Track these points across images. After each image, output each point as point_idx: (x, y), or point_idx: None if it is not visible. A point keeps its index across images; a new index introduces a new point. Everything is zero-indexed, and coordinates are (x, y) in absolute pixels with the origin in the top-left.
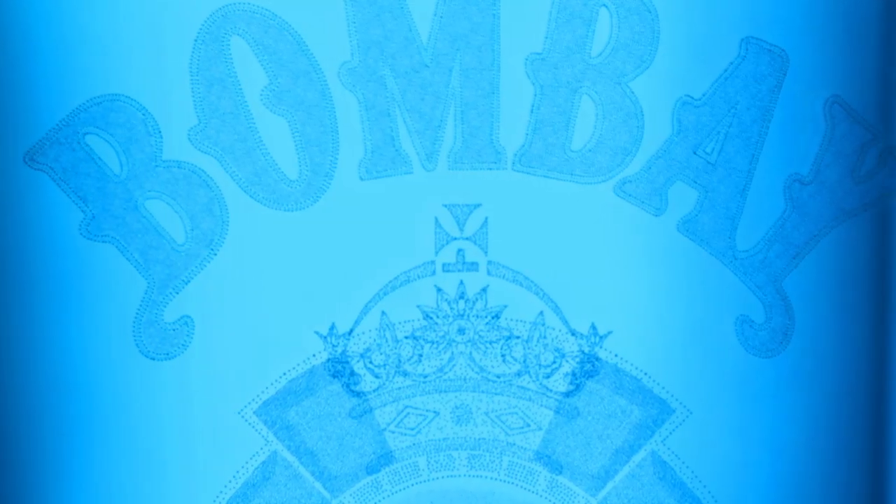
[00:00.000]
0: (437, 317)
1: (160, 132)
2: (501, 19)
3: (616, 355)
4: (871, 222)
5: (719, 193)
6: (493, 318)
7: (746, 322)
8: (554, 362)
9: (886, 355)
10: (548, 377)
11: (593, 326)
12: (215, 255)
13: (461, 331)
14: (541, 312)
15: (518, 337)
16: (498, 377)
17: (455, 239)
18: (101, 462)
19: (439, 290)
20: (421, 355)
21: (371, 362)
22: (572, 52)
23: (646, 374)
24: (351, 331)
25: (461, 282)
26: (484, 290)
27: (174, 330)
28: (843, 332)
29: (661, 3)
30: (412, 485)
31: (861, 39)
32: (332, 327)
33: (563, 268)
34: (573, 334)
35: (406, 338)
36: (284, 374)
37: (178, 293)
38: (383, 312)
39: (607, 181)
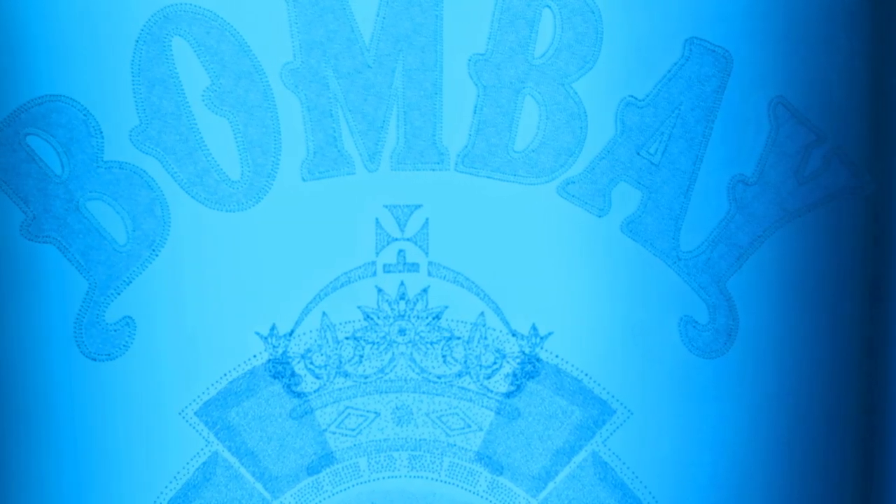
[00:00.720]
0: (378, 318)
1: (101, 133)
2: (444, 20)
3: (557, 356)
4: (816, 223)
5: (663, 194)
6: (433, 318)
7: (690, 323)
8: (495, 363)
9: (830, 357)
10: (488, 378)
11: (534, 327)
12: (157, 255)
13: (402, 332)
14: (482, 313)
15: (459, 338)
16: (439, 378)
17: (396, 240)
18: (41, 462)
19: (380, 290)
20: (362, 356)
21: (312, 363)
22: (515, 53)
23: (587, 374)
24: (292, 331)
25: (402, 282)
26: (425, 290)
27: (116, 331)
28: (787, 334)
29: (605, 3)
30: (353, 485)
31: (805, 40)
32: (273, 328)
33: (504, 269)
34: (514, 335)
35: (347, 338)
36: (225, 374)
37: (119, 294)
38: (324, 313)
39: (550, 182)
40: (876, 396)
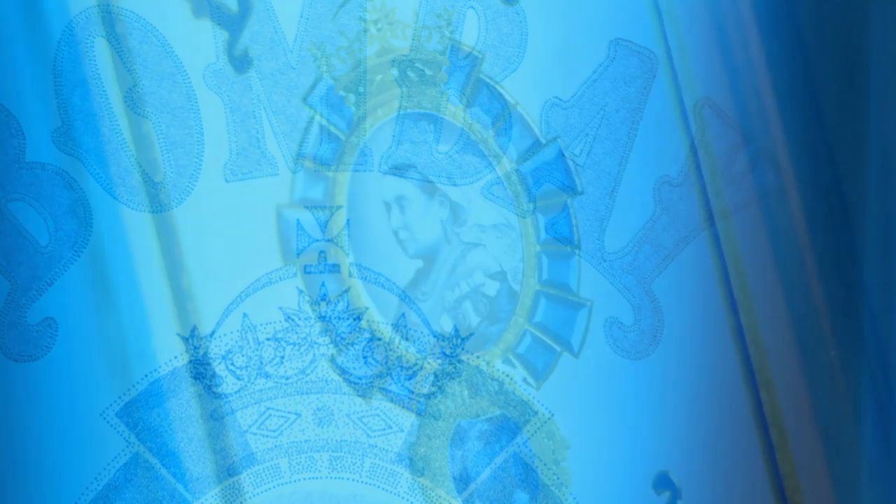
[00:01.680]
0: (299, 318)
1: (23, 134)
2: (368, 22)
3: (478, 357)
4: (741, 225)
5: (588, 195)
6: (354, 319)
7: (615, 324)
8: (415, 364)
9: (755, 359)
10: (410, 379)
11: (455, 328)
12: (79, 256)
13: (323, 332)
14: (402, 314)
15: (380, 339)
16: (360, 379)
17: (316, 241)
18: None
19: (301, 291)
20: (283, 357)
21: (233, 364)
22: (440, 54)
23: (508, 375)
24: (213, 333)
25: (323, 283)
26: (345, 291)
27: (37, 332)
28: (711, 335)
29: (530, 4)
30: (274, 486)
31: (731, 42)
32: (194, 329)
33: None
34: (435, 336)
35: (268, 339)
36: (146, 375)
37: (41, 295)
38: (245, 314)
39: (475, 183)
40: (801, 398)
